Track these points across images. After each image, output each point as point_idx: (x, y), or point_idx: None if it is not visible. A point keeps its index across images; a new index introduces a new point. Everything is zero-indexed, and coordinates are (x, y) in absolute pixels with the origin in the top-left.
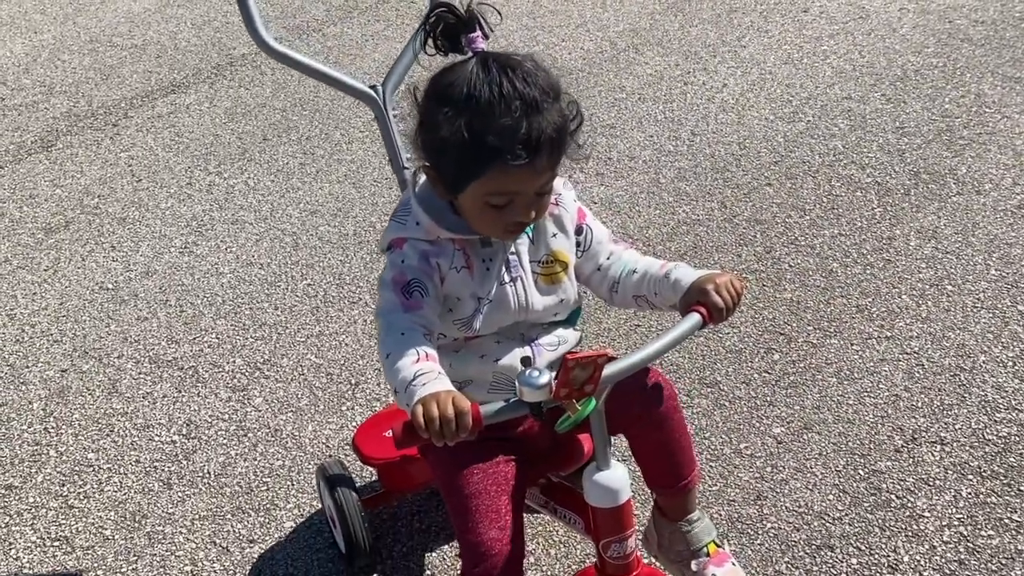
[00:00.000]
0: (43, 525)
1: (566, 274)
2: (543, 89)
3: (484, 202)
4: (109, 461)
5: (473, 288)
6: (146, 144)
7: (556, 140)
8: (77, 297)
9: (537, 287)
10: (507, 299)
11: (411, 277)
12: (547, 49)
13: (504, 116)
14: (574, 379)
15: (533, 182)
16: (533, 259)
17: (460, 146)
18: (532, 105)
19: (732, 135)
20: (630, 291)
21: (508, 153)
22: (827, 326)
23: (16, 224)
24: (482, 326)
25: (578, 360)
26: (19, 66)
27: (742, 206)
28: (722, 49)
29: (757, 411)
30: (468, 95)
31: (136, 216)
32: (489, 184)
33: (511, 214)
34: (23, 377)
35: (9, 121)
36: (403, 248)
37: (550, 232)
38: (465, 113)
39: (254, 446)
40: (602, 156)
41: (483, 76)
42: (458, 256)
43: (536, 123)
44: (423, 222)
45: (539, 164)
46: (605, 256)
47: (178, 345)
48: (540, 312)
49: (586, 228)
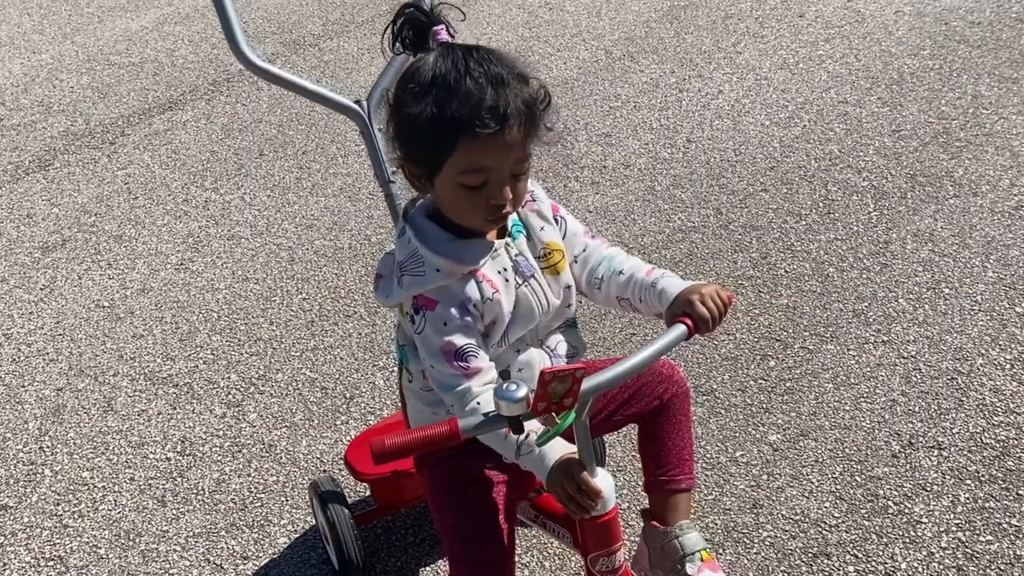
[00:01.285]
0: (37, 545)
1: (565, 260)
2: (508, 69)
3: (458, 184)
4: (104, 480)
5: (506, 307)
6: (143, 162)
7: (525, 113)
8: (73, 316)
9: (546, 280)
10: (529, 301)
11: (460, 344)
12: (542, 59)
13: (469, 87)
14: (552, 392)
15: (505, 157)
16: (534, 255)
17: (429, 122)
18: (496, 78)
19: (728, 141)
20: (615, 292)
21: (476, 120)
22: (823, 332)
23: (13, 244)
24: (512, 335)
25: (555, 373)
26: (17, 86)
27: (738, 212)
28: (717, 56)
29: (753, 419)
30: (433, 76)
31: (132, 234)
32: (461, 160)
33: (487, 195)
34: (19, 396)
35: (7, 141)
36: (436, 309)
37: (538, 226)
38: (431, 91)
39: (248, 462)
40: (597, 165)
41: (447, 58)
42: (484, 287)
43: (503, 94)
44: (442, 267)
45: (508, 135)
46: (580, 248)
47: (173, 362)
48: (557, 306)
49: (560, 219)
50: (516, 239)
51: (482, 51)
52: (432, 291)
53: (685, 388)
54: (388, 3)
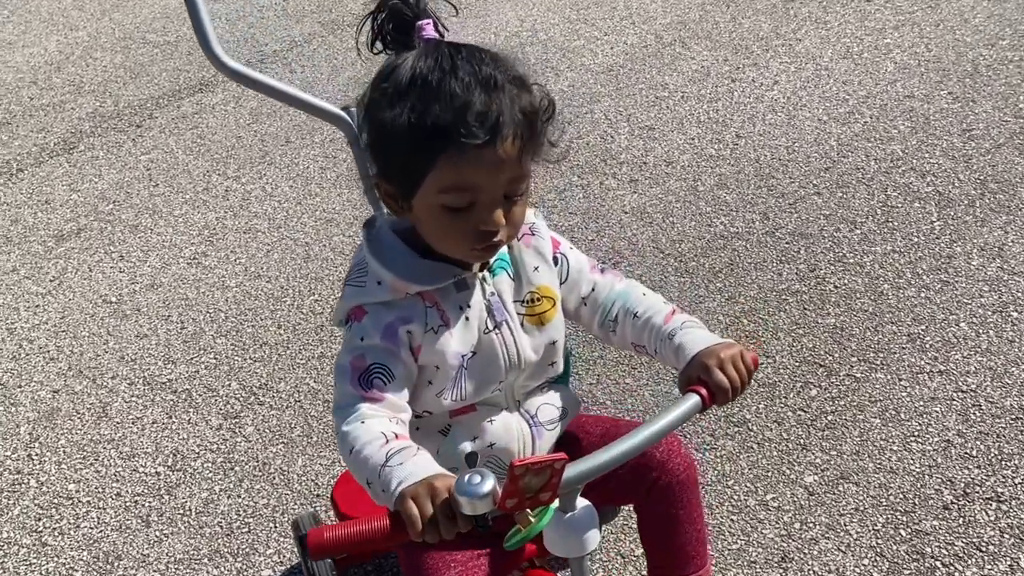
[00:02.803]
0: (12, 564)
1: (555, 311)
2: (503, 71)
3: (440, 206)
4: (89, 494)
5: (455, 347)
6: (167, 146)
7: (523, 124)
8: (79, 311)
9: (524, 330)
10: (495, 351)
11: (371, 362)
12: (588, 43)
13: (454, 88)
14: (525, 487)
15: (496, 175)
16: (516, 299)
17: (405, 130)
18: (489, 80)
19: (780, 138)
20: (630, 337)
21: (461, 128)
22: (873, 357)
23: (29, 231)
24: (468, 390)
25: (528, 466)
26: (51, 64)
27: (786, 218)
28: (775, 43)
29: (788, 456)
30: (412, 75)
31: (149, 224)
32: (443, 177)
33: (475, 219)
34: (14, 397)
35: (35, 122)
36: (362, 320)
37: (531, 266)
38: (409, 95)
39: (240, 481)
40: (637, 160)
41: (431, 56)
42: (432, 314)
43: (496, 98)
44: (385, 280)
45: (501, 148)
46: (588, 287)
47: (174, 365)
48: (534, 363)
49: (561, 257)
50: (496, 275)
51: (473, 49)
52: (370, 305)
53: (693, 468)
54: None
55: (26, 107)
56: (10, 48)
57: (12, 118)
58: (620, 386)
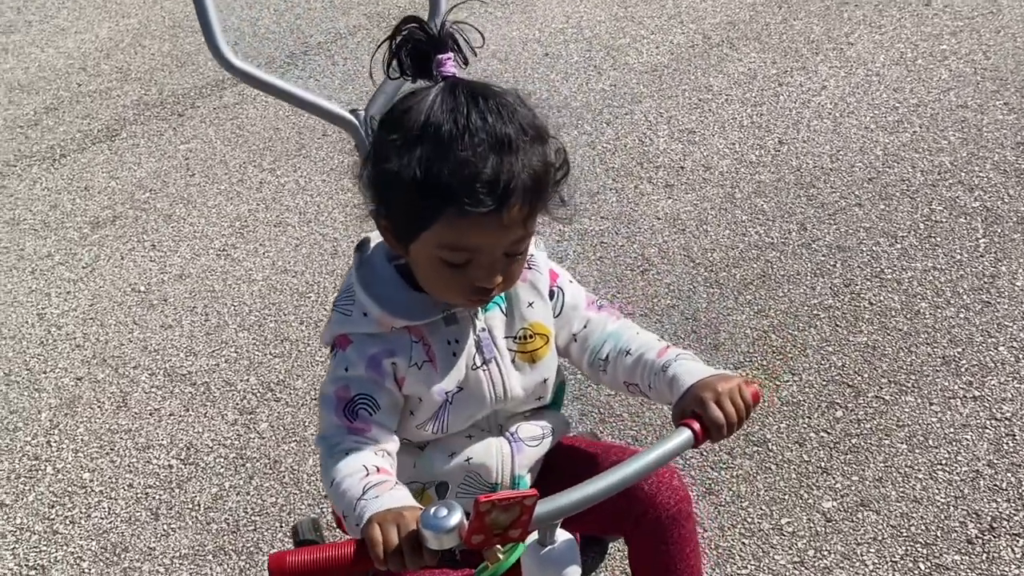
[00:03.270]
0: (23, 550)
1: (548, 348)
2: (521, 127)
3: (438, 258)
4: (102, 483)
5: (437, 383)
6: (207, 136)
7: (532, 189)
8: (108, 299)
9: (516, 367)
10: (481, 388)
11: (355, 393)
12: (633, 42)
13: (466, 151)
14: (493, 523)
15: (498, 238)
16: (508, 335)
17: (410, 184)
18: (503, 142)
19: (824, 145)
20: (621, 376)
21: (467, 196)
22: (904, 379)
23: (66, 217)
24: (451, 423)
25: (494, 503)
26: (101, 51)
27: (824, 229)
28: (826, 46)
29: (807, 479)
30: (425, 123)
31: (182, 213)
32: (443, 234)
33: (471, 276)
34: (39, 383)
35: (81, 108)
36: (347, 350)
37: (526, 301)
38: (419, 144)
39: (250, 478)
40: (675, 164)
41: (447, 104)
42: (417, 349)
43: (508, 164)
44: (371, 313)
45: (507, 215)
46: (580, 324)
47: (195, 358)
48: (521, 399)
49: (557, 291)
50: (488, 311)
51: (495, 97)
52: (354, 334)
53: (686, 501)
54: None
55: (74, 93)
56: (63, 34)
57: (60, 104)
58: (638, 399)
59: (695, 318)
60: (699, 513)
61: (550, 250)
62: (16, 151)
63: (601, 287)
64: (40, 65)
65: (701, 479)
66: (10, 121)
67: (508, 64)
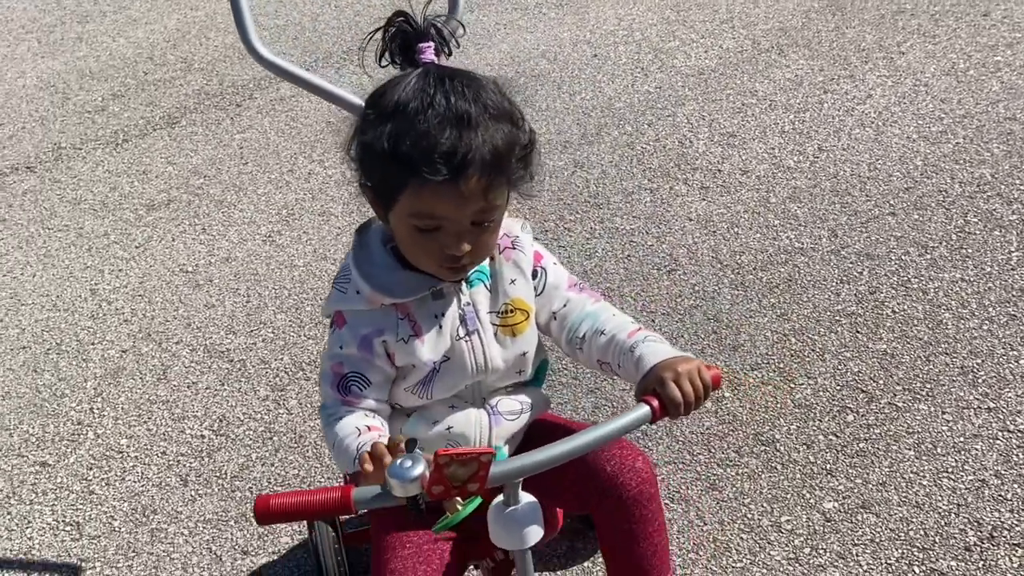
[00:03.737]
0: (61, 508)
1: (528, 324)
2: (485, 106)
3: (411, 226)
4: (138, 450)
5: (423, 354)
6: (261, 127)
7: (491, 163)
8: (157, 277)
9: (497, 340)
10: (464, 357)
11: (348, 370)
12: (682, 45)
13: (426, 124)
14: (451, 476)
15: (459, 207)
16: (492, 310)
17: (381, 155)
18: (463, 118)
19: (864, 154)
20: (595, 355)
21: (425, 165)
22: (919, 387)
23: (124, 199)
24: (436, 391)
25: (452, 457)
26: (168, 41)
27: (855, 236)
28: (876, 55)
29: (811, 479)
30: (396, 101)
31: (233, 200)
32: (411, 203)
33: (441, 242)
34: (87, 354)
35: (146, 96)
36: (342, 329)
37: (508, 278)
38: (391, 120)
39: (276, 451)
40: (712, 167)
41: (418, 84)
42: (403, 326)
43: (466, 138)
44: (363, 291)
45: (465, 186)
46: (560, 302)
47: (234, 336)
48: (501, 370)
49: (540, 271)
50: (473, 287)
51: (464, 79)
52: (348, 312)
53: (649, 483)
54: None
55: (140, 81)
56: (134, 24)
57: (126, 91)
58: None
59: (717, 319)
60: (701, 508)
61: (580, 246)
62: (83, 135)
63: (626, 285)
64: (111, 54)
65: (706, 475)
66: (79, 106)
67: (556, 64)
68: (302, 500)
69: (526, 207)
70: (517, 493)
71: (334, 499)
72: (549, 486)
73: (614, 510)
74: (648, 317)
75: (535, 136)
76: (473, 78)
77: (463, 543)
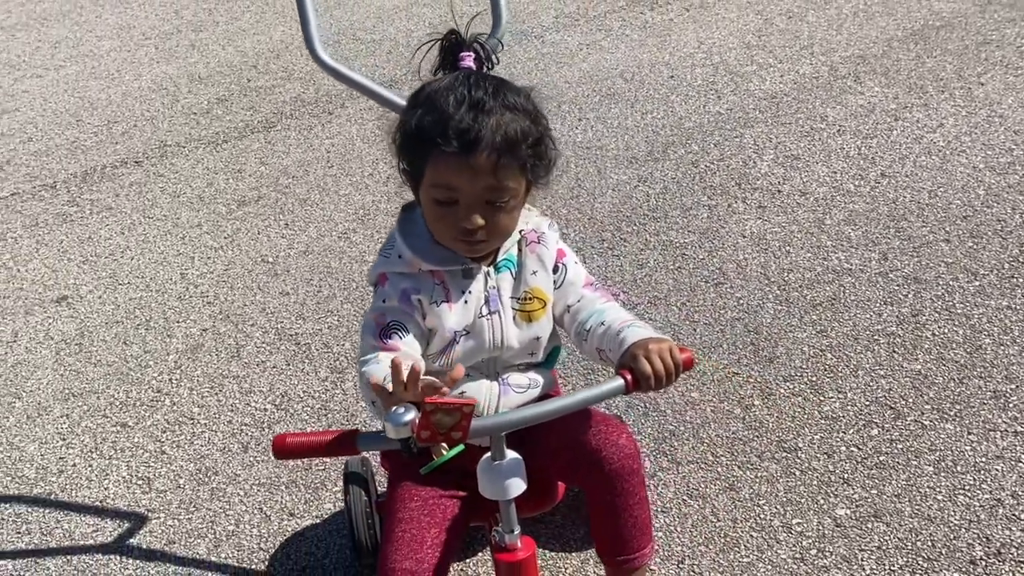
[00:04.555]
0: (136, 464)
1: (544, 312)
2: (504, 100)
3: (432, 199)
4: (207, 418)
5: (451, 322)
6: (349, 134)
7: (500, 144)
8: (240, 266)
9: (515, 323)
10: (483, 333)
11: (390, 319)
12: (759, 69)
13: (447, 106)
14: (437, 423)
15: (471, 179)
16: (513, 295)
17: (411, 133)
18: (479, 104)
19: (926, 182)
20: (595, 343)
21: (440, 137)
22: (948, 408)
23: (218, 194)
24: (456, 360)
25: (438, 405)
26: (272, 52)
27: (905, 261)
28: (954, 85)
29: (827, 487)
30: (428, 92)
31: (316, 199)
32: (431, 175)
33: (457, 215)
34: (171, 330)
35: (248, 101)
36: (385, 286)
37: (531, 269)
38: (423, 105)
39: (328, 427)
40: (772, 188)
41: (449, 80)
42: (438, 290)
43: (480, 120)
44: (405, 255)
45: (475, 160)
46: (575, 298)
47: (303, 322)
48: (515, 349)
49: (561, 267)
50: (500, 273)
51: (490, 79)
52: (391, 273)
53: (631, 458)
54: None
55: (243, 87)
56: (243, 35)
57: (230, 96)
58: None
59: (756, 331)
60: (716, 506)
61: (633, 256)
62: (187, 135)
63: (673, 294)
64: (219, 61)
65: (726, 475)
66: (187, 108)
67: (632, 83)
68: (313, 440)
69: (586, 216)
70: (502, 449)
71: (339, 440)
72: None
73: (597, 482)
74: (690, 326)
75: (549, 133)
76: (501, 80)
77: (468, 503)
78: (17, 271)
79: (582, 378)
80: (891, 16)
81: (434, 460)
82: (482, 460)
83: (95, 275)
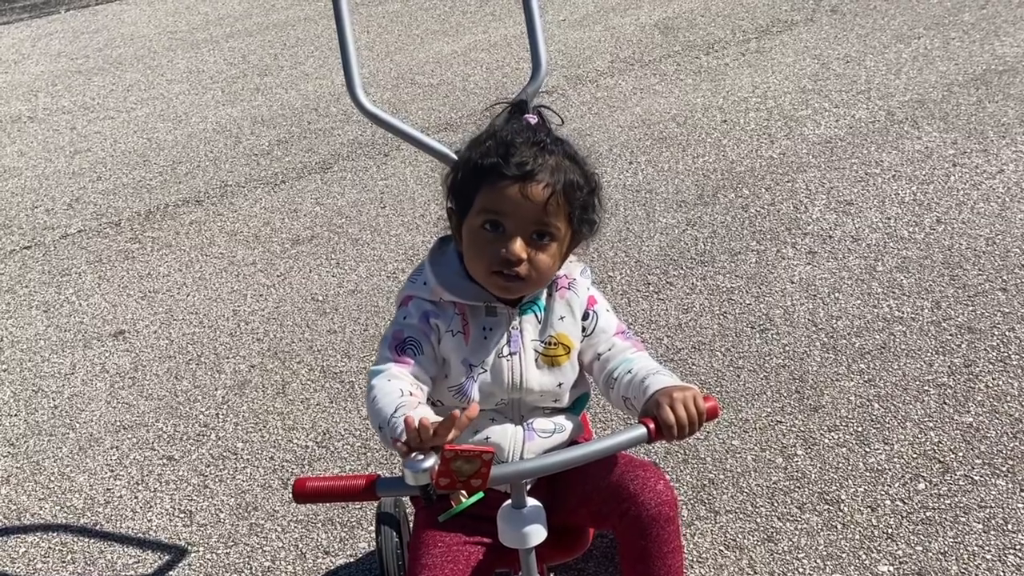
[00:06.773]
0: (180, 497)
1: (568, 358)
2: (564, 148)
3: (479, 225)
4: (250, 453)
5: (465, 355)
6: (403, 175)
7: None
8: (291, 304)
9: (536, 366)
10: (502, 373)
11: (407, 335)
12: (813, 114)
13: (508, 139)
14: (457, 470)
15: (523, 206)
16: (537, 338)
17: (469, 165)
18: (540, 144)
19: (983, 229)
20: (620, 392)
21: (501, 167)
22: (1000, 463)
23: (274, 232)
24: (474, 398)
25: (457, 453)
26: (332, 95)
27: (959, 310)
28: (1016, 130)
29: (870, 542)
30: (489, 132)
31: (368, 239)
32: (483, 200)
33: (500, 243)
34: (220, 366)
35: (307, 143)
36: (408, 306)
37: (559, 314)
38: (481, 144)
39: (367, 466)
40: (823, 233)
41: (517, 125)
42: (456, 320)
43: (540, 157)
44: (430, 282)
45: (531, 189)
46: (606, 346)
47: (348, 360)
48: (536, 393)
49: (592, 314)
50: (525, 315)
51: (548, 131)
52: (415, 296)
53: (668, 505)
54: (677, 44)
55: (304, 129)
56: (306, 79)
57: (290, 137)
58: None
59: (802, 379)
60: (754, 558)
61: (678, 301)
62: (248, 175)
63: (718, 340)
64: (282, 104)
65: (765, 527)
66: (248, 149)
67: (685, 127)
68: (333, 485)
69: (633, 259)
70: (523, 496)
71: (359, 485)
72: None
73: (632, 527)
74: (733, 372)
75: (599, 194)
76: (560, 138)
77: (493, 550)
78: (79, 305)
79: (622, 423)
80: (952, 60)
81: (453, 507)
82: (502, 507)
83: (152, 310)
